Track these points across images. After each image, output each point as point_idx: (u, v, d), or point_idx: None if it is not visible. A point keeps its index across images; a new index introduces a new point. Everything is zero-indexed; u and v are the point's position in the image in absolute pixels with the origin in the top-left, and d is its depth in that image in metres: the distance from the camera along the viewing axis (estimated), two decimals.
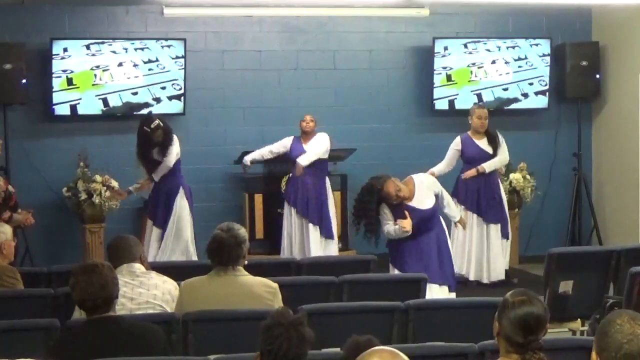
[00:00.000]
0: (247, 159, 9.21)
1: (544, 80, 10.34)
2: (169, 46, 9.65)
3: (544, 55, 10.33)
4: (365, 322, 4.87)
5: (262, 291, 4.85)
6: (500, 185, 8.94)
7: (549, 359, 3.27)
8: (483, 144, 8.73)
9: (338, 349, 3.81)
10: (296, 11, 9.94)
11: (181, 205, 8.62)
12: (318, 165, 9.05)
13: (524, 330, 3.21)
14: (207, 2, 9.47)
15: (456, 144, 8.77)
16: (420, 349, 4.26)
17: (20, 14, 9.44)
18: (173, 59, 9.66)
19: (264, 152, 9.23)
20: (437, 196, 6.84)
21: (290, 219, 9.08)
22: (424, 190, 6.80)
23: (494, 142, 8.72)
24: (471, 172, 8.66)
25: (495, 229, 8.77)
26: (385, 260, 7.00)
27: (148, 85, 9.64)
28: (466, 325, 5.08)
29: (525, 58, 10.33)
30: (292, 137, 9.17)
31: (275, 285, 4.92)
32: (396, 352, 2.68)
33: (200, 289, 4.88)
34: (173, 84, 9.69)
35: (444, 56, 10.16)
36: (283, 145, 9.18)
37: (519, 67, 10.33)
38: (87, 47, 9.41)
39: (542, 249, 8.28)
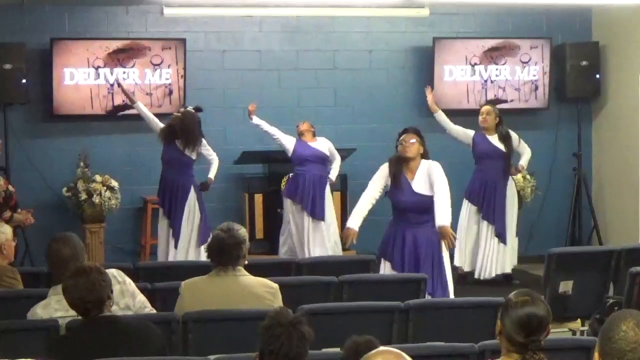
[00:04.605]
0: (257, 121, 8.97)
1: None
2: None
3: (544, 57, 10.35)
4: (365, 322, 4.88)
5: (262, 291, 4.85)
6: (508, 193, 8.85)
7: (549, 359, 3.27)
8: (494, 140, 8.80)
9: (338, 349, 3.81)
10: (296, 11, 9.93)
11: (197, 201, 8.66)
12: (322, 167, 9.05)
13: (525, 331, 3.22)
14: (207, 2, 9.46)
15: (470, 131, 8.91)
16: (420, 349, 4.25)
17: (20, 14, 9.44)
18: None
19: (272, 131, 8.99)
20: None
21: (292, 214, 9.00)
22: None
23: (505, 140, 8.78)
24: (515, 172, 9.01)
25: (491, 229, 8.77)
26: None
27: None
28: (466, 325, 5.09)
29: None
30: (294, 140, 9.05)
31: (276, 285, 4.92)
32: (400, 353, 2.68)
33: (200, 289, 4.88)
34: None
35: (449, 54, 10.17)
36: (287, 142, 8.99)
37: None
38: (87, 48, 9.39)
39: (542, 249, 8.28)
